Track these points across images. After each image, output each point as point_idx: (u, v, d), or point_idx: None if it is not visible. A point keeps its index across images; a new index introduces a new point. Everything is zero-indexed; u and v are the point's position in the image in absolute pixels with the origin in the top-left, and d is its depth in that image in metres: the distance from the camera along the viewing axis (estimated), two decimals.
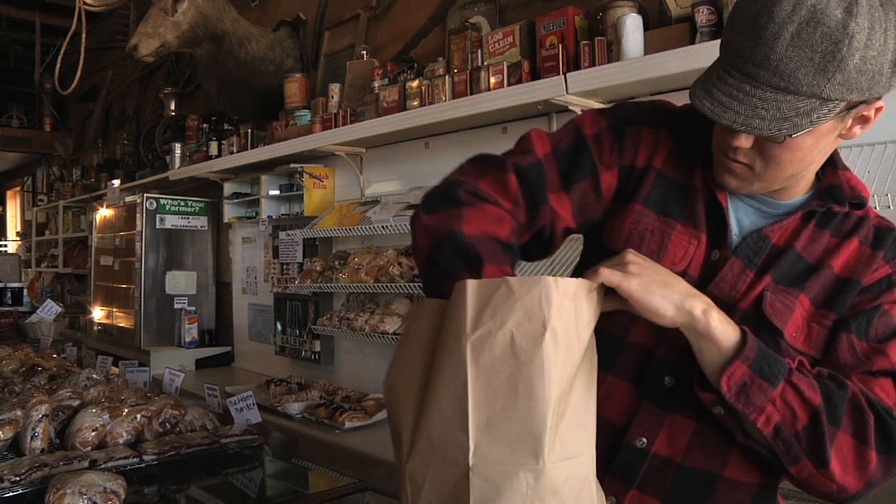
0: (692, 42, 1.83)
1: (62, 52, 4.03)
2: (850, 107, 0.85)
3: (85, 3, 3.77)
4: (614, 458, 0.98)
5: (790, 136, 0.84)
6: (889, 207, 1.52)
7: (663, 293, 0.84)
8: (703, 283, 0.95)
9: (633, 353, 0.98)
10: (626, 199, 1.01)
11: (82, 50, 3.83)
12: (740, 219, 1.00)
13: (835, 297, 0.94)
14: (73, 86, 3.95)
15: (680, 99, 2.04)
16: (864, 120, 0.89)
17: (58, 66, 4.09)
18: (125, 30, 5.57)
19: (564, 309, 0.77)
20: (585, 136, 1.02)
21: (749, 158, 0.91)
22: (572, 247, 2.07)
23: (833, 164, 1.00)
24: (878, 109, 0.88)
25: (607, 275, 0.84)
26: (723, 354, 0.85)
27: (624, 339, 0.99)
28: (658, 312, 0.85)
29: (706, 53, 1.76)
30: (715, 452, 0.95)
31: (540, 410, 0.74)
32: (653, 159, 1.02)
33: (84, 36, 3.79)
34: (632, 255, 0.87)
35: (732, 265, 0.96)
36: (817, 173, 1.00)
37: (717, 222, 0.98)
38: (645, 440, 0.96)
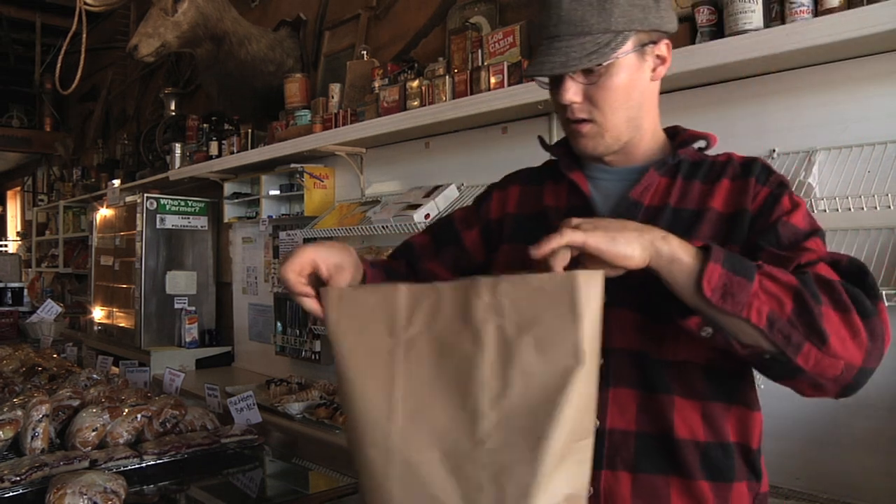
0: (692, 42, 1.83)
1: (62, 52, 4.02)
2: (642, 44, 1.03)
3: (85, 3, 3.78)
4: None
5: (600, 64, 1.00)
6: (889, 207, 1.52)
7: (625, 238, 0.87)
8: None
9: None
10: (496, 246, 1.21)
11: (82, 50, 3.83)
12: (608, 195, 1.11)
13: (731, 232, 1.01)
14: (73, 86, 3.95)
15: (680, 99, 2.06)
16: (661, 60, 1.07)
17: (58, 66, 4.08)
18: (125, 30, 5.57)
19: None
20: (453, 216, 1.31)
21: (586, 111, 1.05)
22: None
23: (680, 133, 1.14)
24: (667, 46, 1.06)
25: (570, 235, 0.87)
26: (695, 267, 0.87)
27: None
28: (627, 255, 0.87)
29: (706, 53, 1.76)
30: (662, 413, 1.00)
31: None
32: (505, 209, 1.22)
33: (84, 36, 3.79)
34: (575, 219, 0.90)
35: None
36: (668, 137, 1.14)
37: (582, 215, 1.04)
38: (597, 420, 0.99)
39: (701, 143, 1.11)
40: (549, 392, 0.82)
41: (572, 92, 1.03)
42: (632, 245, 0.87)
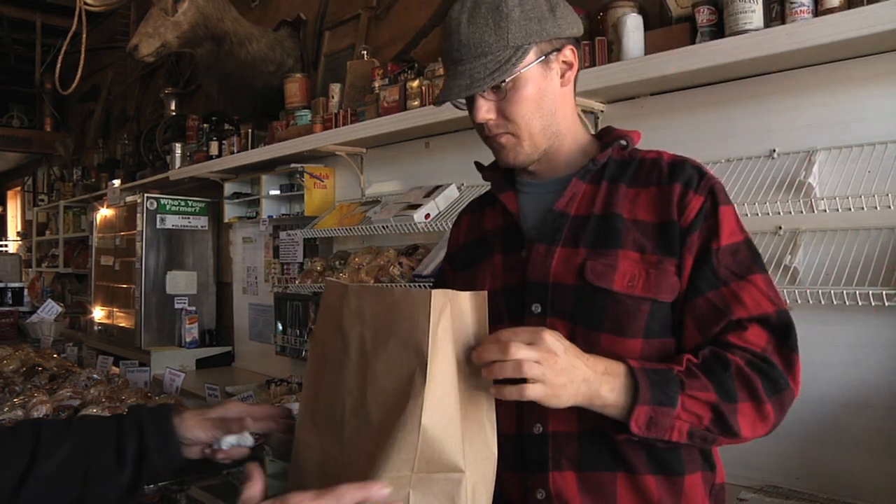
0: (692, 42, 1.83)
1: (62, 52, 4.02)
2: (545, 53, 1.06)
3: (85, 3, 3.78)
4: (523, 456, 1.06)
5: (503, 81, 1.04)
6: (889, 207, 1.52)
7: (566, 395, 0.90)
8: (519, 278, 1.10)
9: None
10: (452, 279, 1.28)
11: (83, 50, 3.83)
12: (536, 209, 1.15)
13: (659, 243, 1.04)
14: (73, 86, 3.95)
15: (680, 99, 2.06)
16: (568, 65, 1.10)
17: (58, 66, 4.08)
18: (125, 30, 5.57)
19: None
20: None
21: (501, 126, 1.09)
22: None
23: (607, 134, 1.17)
24: (572, 51, 1.10)
25: (510, 392, 0.88)
26: (623, 408, 0.93)
27: None
28: (561, 407, 0.91)
29: (706, 53, 1.76)
30: (597, 417, 1.02)
31: None
32: (458, 241, 1.30)
33: (84, 36, 3.79)
34: (536, 354, 0.87)
35: (538, 250, 1.09)
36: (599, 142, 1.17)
37: (512, 233, 1.15)
38: (539, 426, 1.05)
39: (622, 143, 1.13)
40: (392, 413, 0.79)
41: (484, 110, 1.08)
42: (567, 401, 0.91)
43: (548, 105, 1.09)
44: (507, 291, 1.12)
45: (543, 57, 1.06)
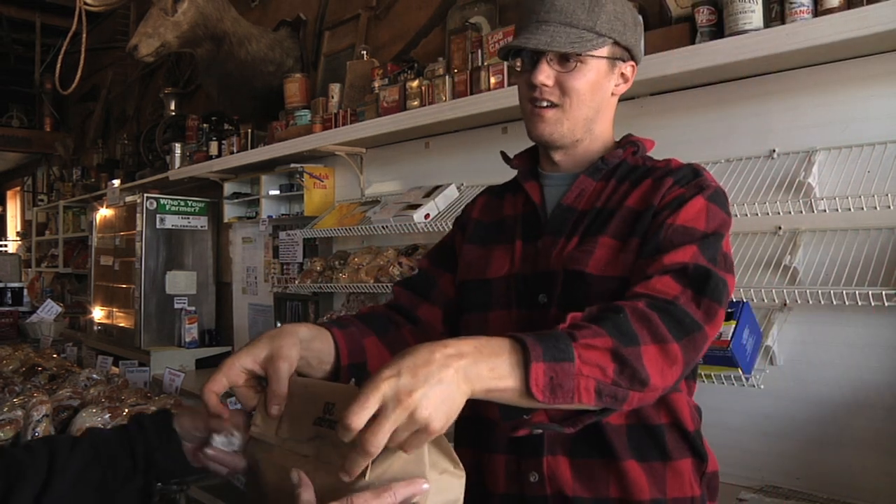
0: (692, 42, 1.83)
1: (62, 52, 4.02)
2: (615, 57, 1.13)
3: (85, 3, 3.77)
4: (517, 441, 1.06)
5: (580, 53, 1.08)
6: (889, 207, 1.52)
7: (438, 399, 0.72)
8: (531, 268, 1.14)
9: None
10: (461, 245, 1.29)
11: (82, 50, 3.83)
12: (552, 201, 1.19)
13: (634, 226, 1.07)
14: (73, 86, 3.95)
15: (680, 99, 2.05)
16: (624, 79, 1.16)
17: (58, 66, 4.08)
18: (125, 30, 5.57)
19: None
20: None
21: (553, 96, 1.11)
22: None
23: (625, 141, 1.21)
24: (632, 68, 1.16)
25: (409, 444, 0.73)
26: (521, 379, 0.79)
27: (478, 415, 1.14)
28: (455, 409, 0.75)
29: (706, 53, 1.76)
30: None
31: None
32: (471, 214, 1.32)
33: (84, 36, 3.79)
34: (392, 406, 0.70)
35: (545, 241, 1.14)
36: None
37: (533, 222, 1.19)
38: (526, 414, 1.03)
39: (633, 146, 1.18)
40: None
41: (545, 75, 1.10)
42: (448, 397, 0.73)
43: (597, 101, 1.14)
44: (518, 279, 1.15)
45: (613, 59, 1.13)
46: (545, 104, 1.12)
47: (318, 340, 1.02)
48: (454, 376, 0.73)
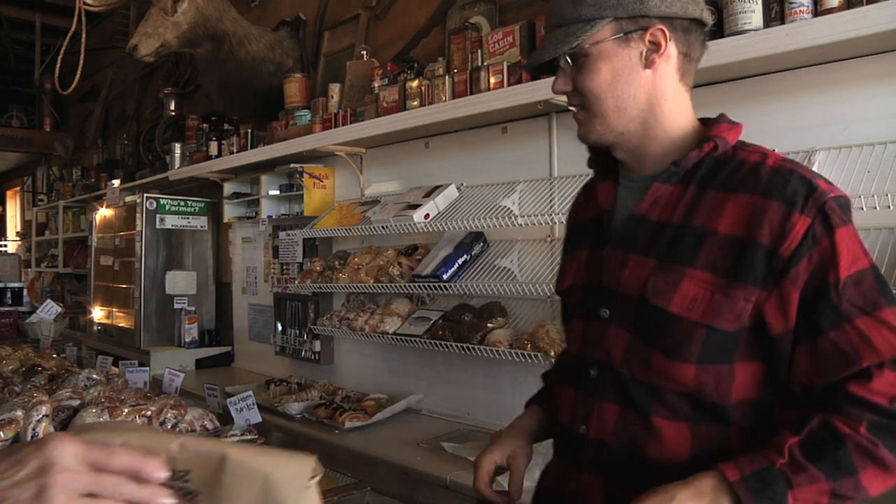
0: None
1: (62, 52, 4.02)
2: (624, 31, 1.01)
3: (85, 3, 3.77)
4: (566, 448, 1.13)
5: (562, 53, 1.03)
6: (889, 207, 1.52)
7: None
8: (597, 283, 1.08)
9: (576, 363, 1.13)
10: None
11: (82, 50, 3.83)
12: (624, 207, 1.10)
13: (736, 264, 0.94)
14: (73, 86, 3.95)
15: None
16: (656, 46, 1.02)
17: (58, 66, 4.08)
18: (125, 30, 5.57)
19: None
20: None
21: (576, 99, 1.07)
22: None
23: (706, 128, 1.07)
24: (661, 31, 1.01)
25: None
26: None
27: (573, 353, 1.16)
28: None
29: (706, 53, 1.75)
30: (637, 433, 1.01)
31: None
32: (569, 221, 1.30)
33: (84, 36, 3.79)
34: None
35: (614, 254, 1.06)
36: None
37: (600, 228, 1.12)
38: (584, 427, 1.07)
39: (712, 144, 1.03)
40: None
41: (560, 82, 1.07)
42: None
43: (623, 86, 1.03)
44: (585, 289, 1.12)
45: (623, 35, 1.01)
46: (574, 108, 1.09)
47: (539, 426, 1.29)
48: None
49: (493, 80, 2.31)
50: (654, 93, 1.04)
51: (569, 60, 1.05)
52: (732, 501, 0.86)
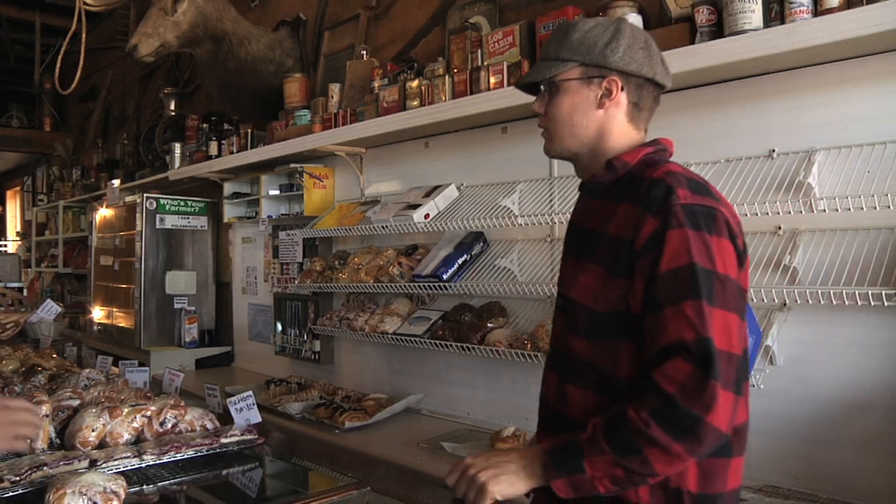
0: (692, 42, 1.83)
1: (62, 52, 4.02)
2: (588, 76, 1.22)
3: (85, 3, 3.77)
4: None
5: (536, 80, 1.26)
6: (889, 207, 1.52)
7: (505, 478, 1.13)
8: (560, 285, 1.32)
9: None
10: None
11: (82, 50, 3.83)
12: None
13: (613, 258, 1.16)
14: (73, 86, 3.95)
15: (680, 99, 2.06)
16: (608, 93, 1.23)
17: (58, 66, 4.08)
18: (125, 30, 5.57)
19: None
20: None
21: (543, 120, 1.29)
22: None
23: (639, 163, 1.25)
24: (614, 83, 1.22)
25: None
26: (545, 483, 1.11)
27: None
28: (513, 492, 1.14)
29: (706, 53, 1.76)
30: (560, 398, 1.24)
31: None
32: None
33: (84, 36, 3.79)
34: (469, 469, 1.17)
35: (564, 260, 1.33)
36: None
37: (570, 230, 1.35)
38: (546, 395, 1.31)
39: (613, 164, 1.24)
40: None
41: (537, 104, 1.30)
42: (513, 480, 1.13)
43: (579, 118, 1.25)
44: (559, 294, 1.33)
45: (586, 78, 1.23)
46: (541, 129, 1.31)
47: None
48: (512, 468, 1.14)
49: (493, 80, 2.31)
50: (602, 129, 1.25)
51: (547, 88, 1.26)
52: (541, 465, 1.11)
